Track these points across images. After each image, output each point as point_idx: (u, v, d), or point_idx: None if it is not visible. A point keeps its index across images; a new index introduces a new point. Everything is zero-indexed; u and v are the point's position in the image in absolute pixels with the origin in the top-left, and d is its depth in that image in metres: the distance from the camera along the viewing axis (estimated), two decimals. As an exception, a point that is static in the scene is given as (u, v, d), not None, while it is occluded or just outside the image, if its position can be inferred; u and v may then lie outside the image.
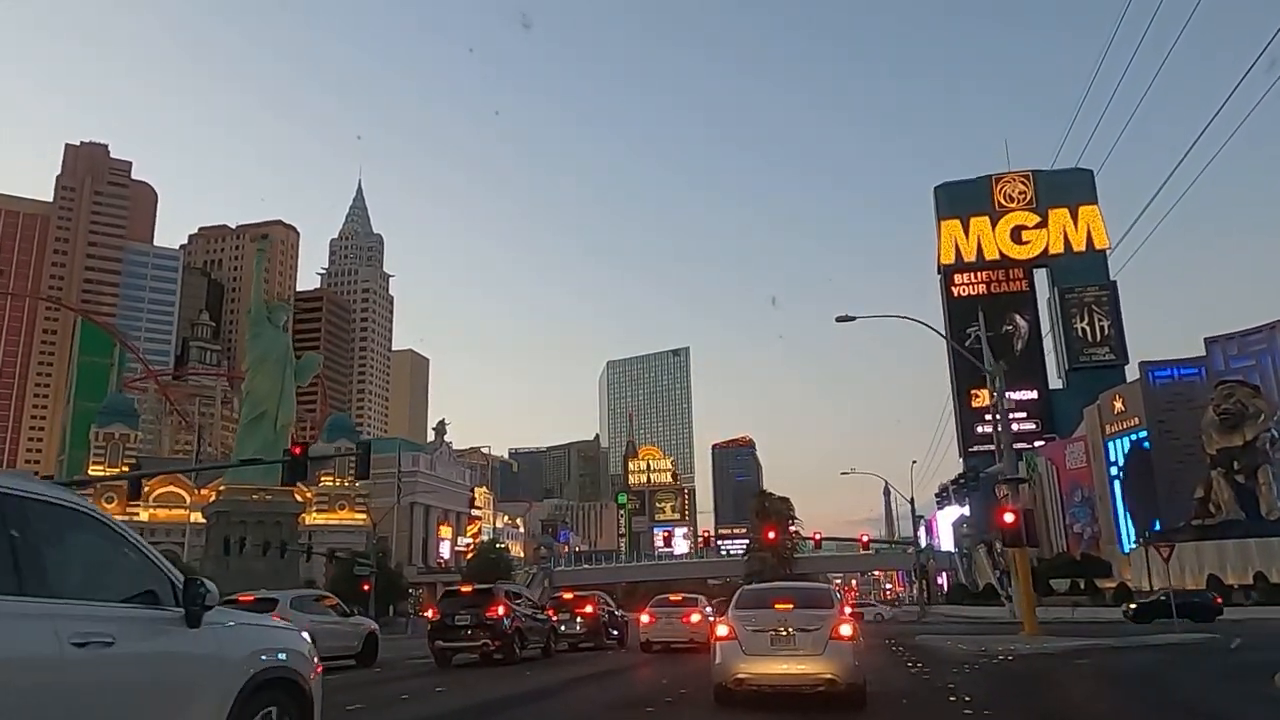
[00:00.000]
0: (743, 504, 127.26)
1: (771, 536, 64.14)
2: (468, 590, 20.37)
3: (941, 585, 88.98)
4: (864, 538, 64.67)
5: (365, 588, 46.35)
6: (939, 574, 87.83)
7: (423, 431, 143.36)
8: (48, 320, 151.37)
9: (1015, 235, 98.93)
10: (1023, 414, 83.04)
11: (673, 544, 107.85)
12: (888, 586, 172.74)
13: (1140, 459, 65.44)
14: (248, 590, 19.45)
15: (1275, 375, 60.92)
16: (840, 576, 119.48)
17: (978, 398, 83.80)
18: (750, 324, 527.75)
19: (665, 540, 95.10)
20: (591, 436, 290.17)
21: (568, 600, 24.68)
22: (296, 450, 20.39)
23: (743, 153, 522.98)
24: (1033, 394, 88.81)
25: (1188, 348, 68.05)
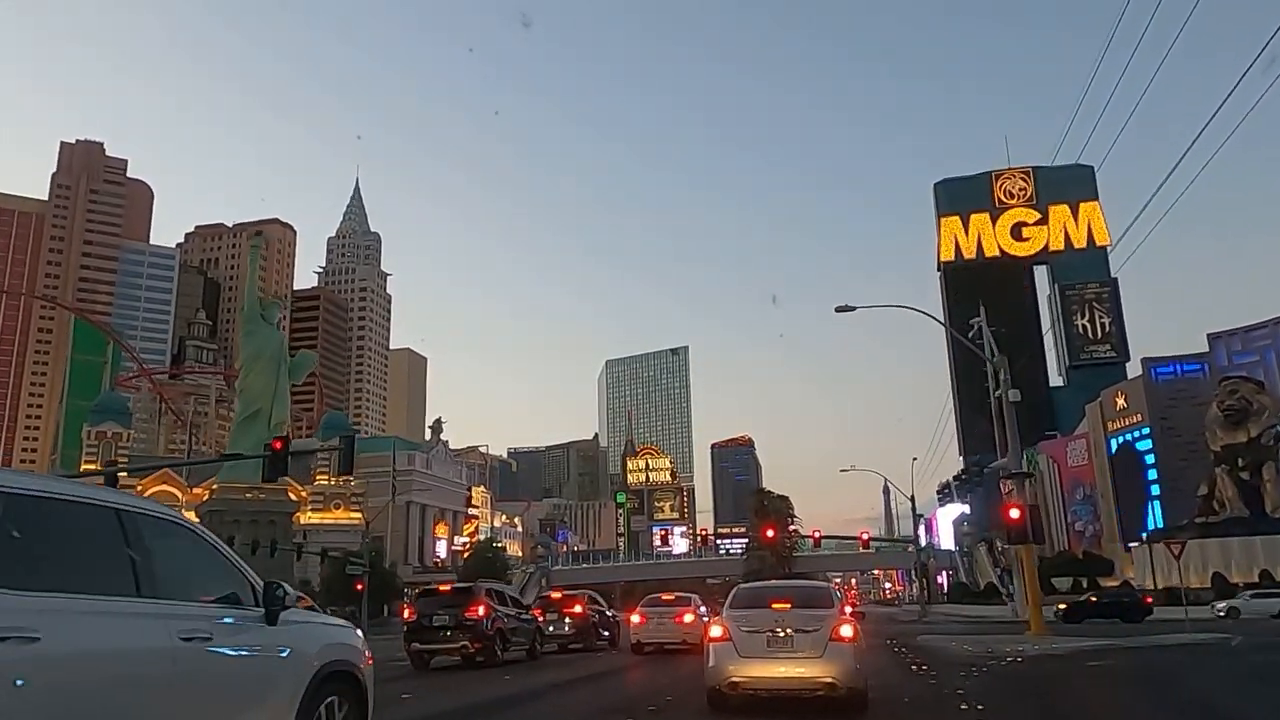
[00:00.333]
0: (742, 503, 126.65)
1: (770, 535, 63.54)
2: (446, 589, 19.55)
3: (941, 584, 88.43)
4: (864, 536, 64.05)
5: (359, 587, 45.77)
6: (939, 573, 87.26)
7: (421, 431, 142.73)
8: (43, 319, 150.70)
9: (1015, 232, 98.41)
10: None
11: (670, 543, 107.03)
12: (887, 585, 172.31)
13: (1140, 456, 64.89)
14: None
15: (1280, 370, 60.49)
16: (840, 575, 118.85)
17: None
18: (749, 323, 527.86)
19: (662, 539, 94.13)
20: (590, 436, 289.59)
21: (556, 600, 23.90)
22: (277, 445, 19.68)
23: (742, 152, 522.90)
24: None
25: (1189, 345, 67.62)
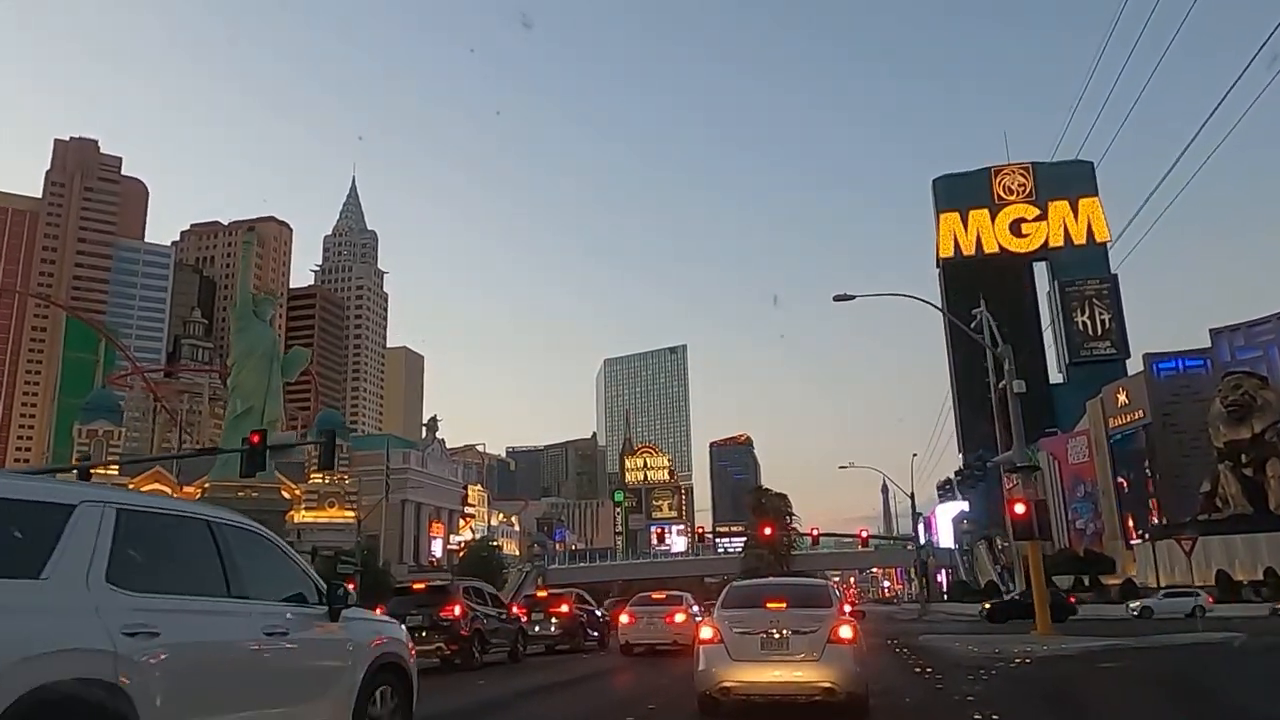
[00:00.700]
0: (741, 502, 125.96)
1: (768, 533, 62.97)
2: (420, 587, 18.56)
3: (941, 583, 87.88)
4: (863, 534, 63.45)
5: (351, 586, 44.98)
6: (938, 571, 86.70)
7: (418, 430, 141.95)
8: (37, 317, 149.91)
9: (1015, 228, 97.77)
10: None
11: (667, 541, 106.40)
12: (886, 584, 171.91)
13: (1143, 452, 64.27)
14: None
15: (1283, 366, 59.80)
16: (839, 574, 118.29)
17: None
18: (748, 322, 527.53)
19: (658, 537, 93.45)
20: (589, 435, 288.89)
21: (541, 599, 23.05)
22: (255, 439, 18.95)
23: (740, 151, 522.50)
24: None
25: (1189, 342, 67.10)
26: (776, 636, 8.76)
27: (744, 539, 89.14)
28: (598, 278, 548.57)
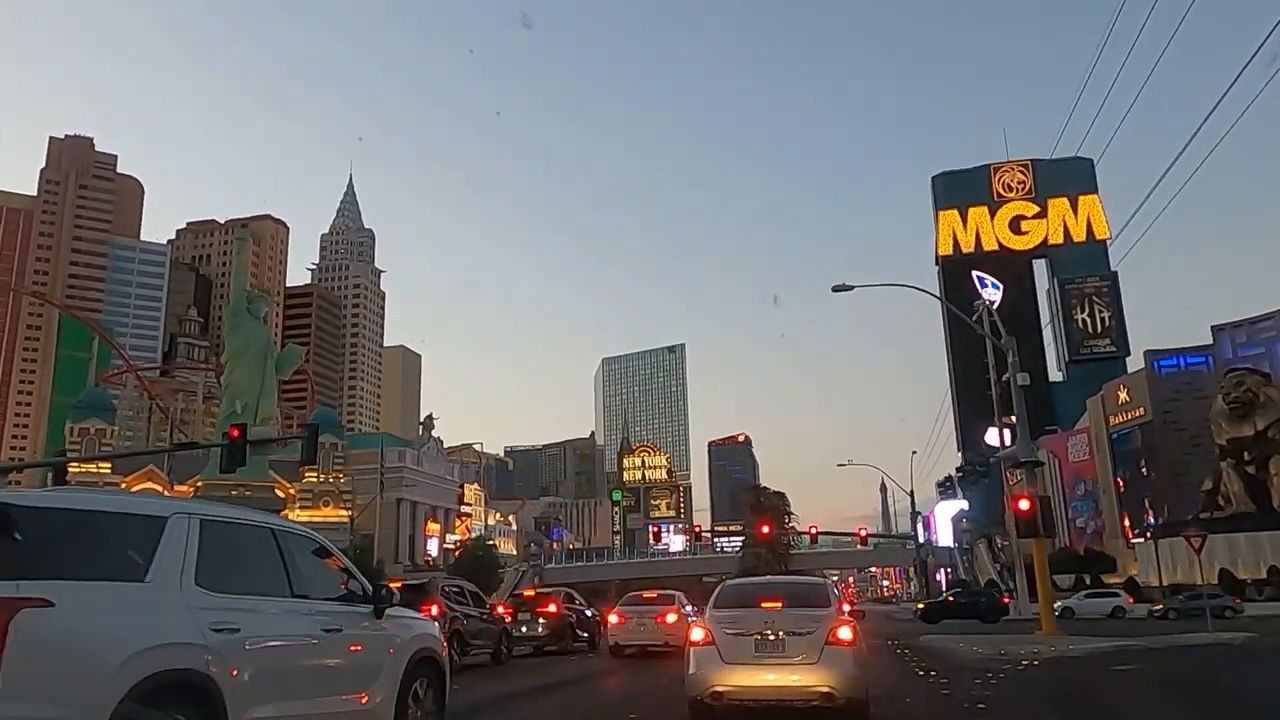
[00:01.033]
0: (739, 501, 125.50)
1: (766, 531, 62.42)
2: (396, 587, 18.00)
3: (940, 582, 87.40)
4: (862, 532, 62.97)
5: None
6: (937, 570, 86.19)
7: (415, 429, 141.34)
8: (31, 315, 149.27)
9: (1014, 225, 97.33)
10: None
11: (663, 540, 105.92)
12: (884, 583, 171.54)
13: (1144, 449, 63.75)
14: None
15: (1286, 363, 59.31)
16: (837, 573, 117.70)
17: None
18: (746, 321, 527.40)
19: (654, 536, 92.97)
20: (587, 434, 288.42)
21: (528, 598, 22.40)
22: (234, 433, 18.36)
23: (740, 150, 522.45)
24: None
25: (1190, 340, 66.43)
26: (771, 638, 8.32)
27: (742, 538, 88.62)
28: (597, 277, 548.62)
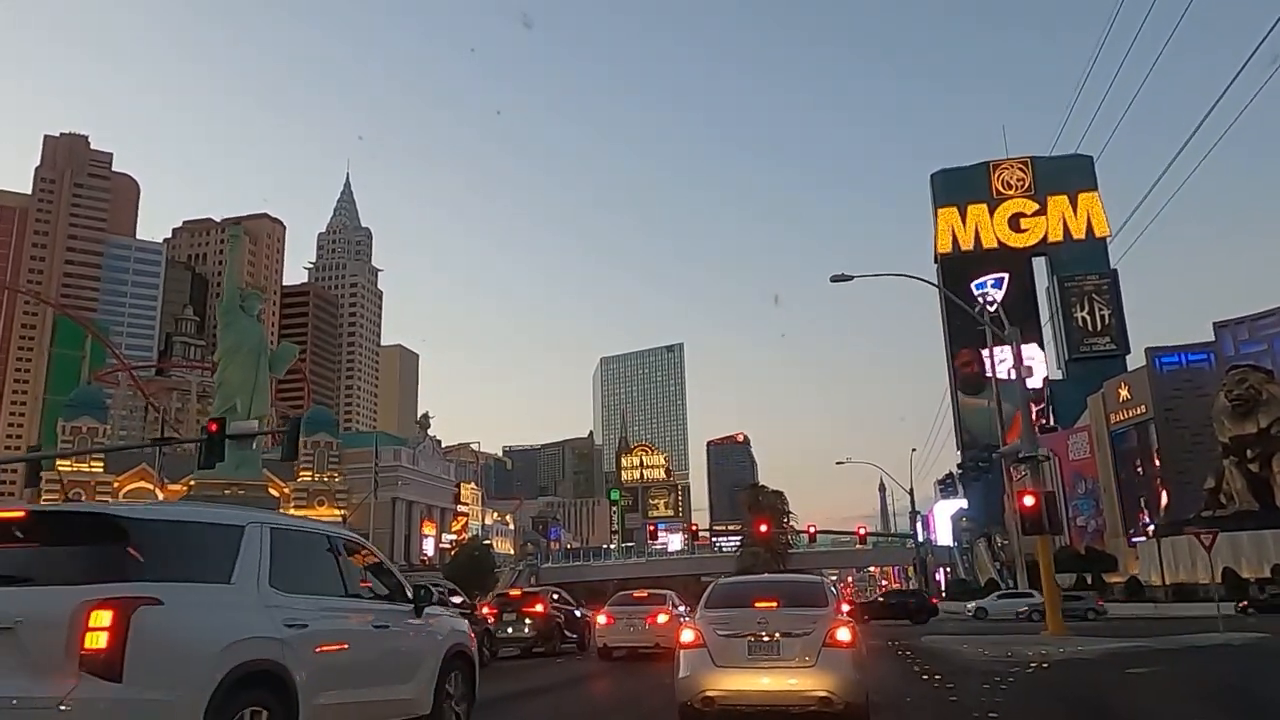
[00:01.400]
0: (738, 500, 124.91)
1: (764, 530, 61.89)
2: None
3: (939, 581, 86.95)
4: (861, 531, 62.48)
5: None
6: (936, 570, 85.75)
7: (412, 428, 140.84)
8: (26, 314, 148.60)
9: (1014, 223, 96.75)
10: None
11: (659, 539, 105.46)
12: (884, 583, 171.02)
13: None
14: None
15: (1289, 360, 58.67)
16: (836, 573, 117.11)
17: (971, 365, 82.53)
18: (745, 320, 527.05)
19: (651, 535, 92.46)
20: (586, 434, 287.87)
21: (514, 598, 21.67)
22: (212, 427, 17.79)
23: (739, 149, 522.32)
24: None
25: (1190, 338, 65.85)
26: (766, 639, 7.90)
27: (739, 535, 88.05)
28: (596, 276, 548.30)
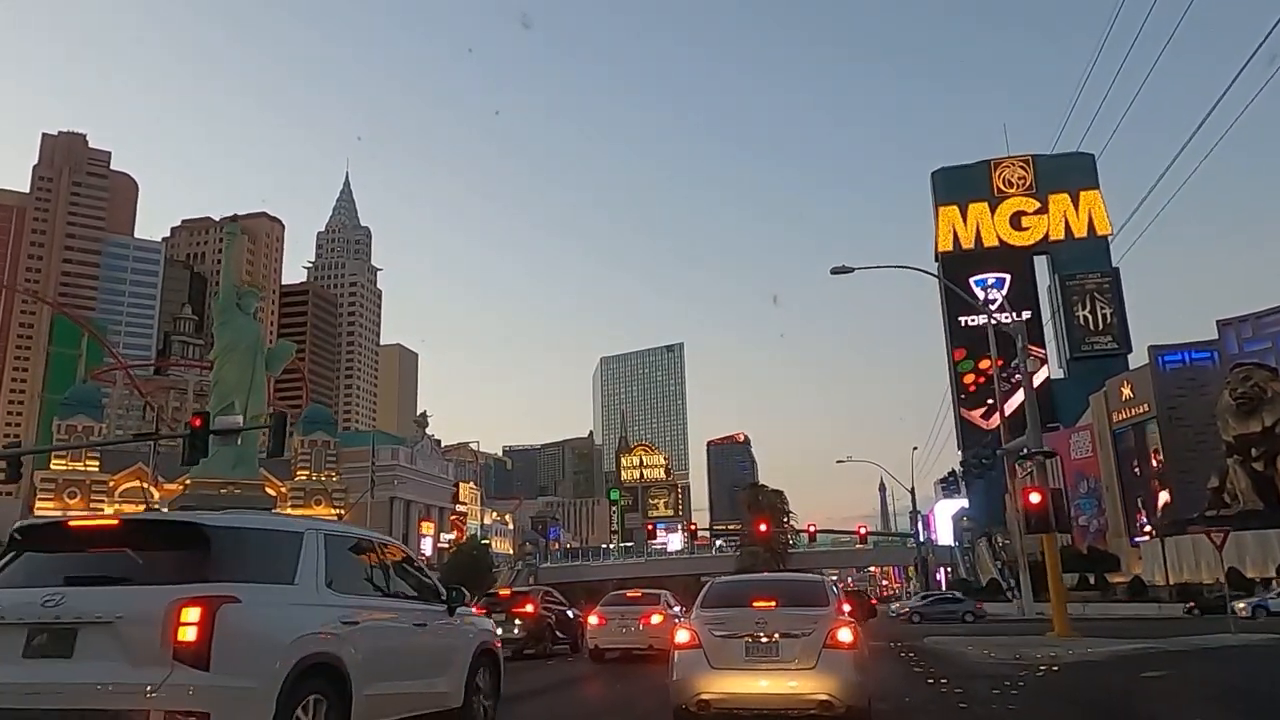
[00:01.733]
0: (738, 500, 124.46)
1: (764, 529, 61.43)
2: None
3: (940, 581, 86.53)
4: (861, 530, 62.05)
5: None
6: (937, 569, 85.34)
7: (412, 428, 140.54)
8: (23, 313, 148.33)
9: (1015, 221, 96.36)
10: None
11: (660, 538, 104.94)
12: (884, 583, 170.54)
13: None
14: None
15: (1293, 358, 58.12)
16: (836, 573, 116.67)
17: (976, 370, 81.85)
18: (745, 320, 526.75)
19: (649, 534, 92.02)
20: (586, 434, 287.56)
21: (503, 598, 21.11)
22: (195, 422, 17.37)
23: (739, 150, 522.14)
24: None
25: (1192, 337, 65.28)
26: (764, 640, 7.60)
27: (739, 535, 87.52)
28: (595, 276, 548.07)
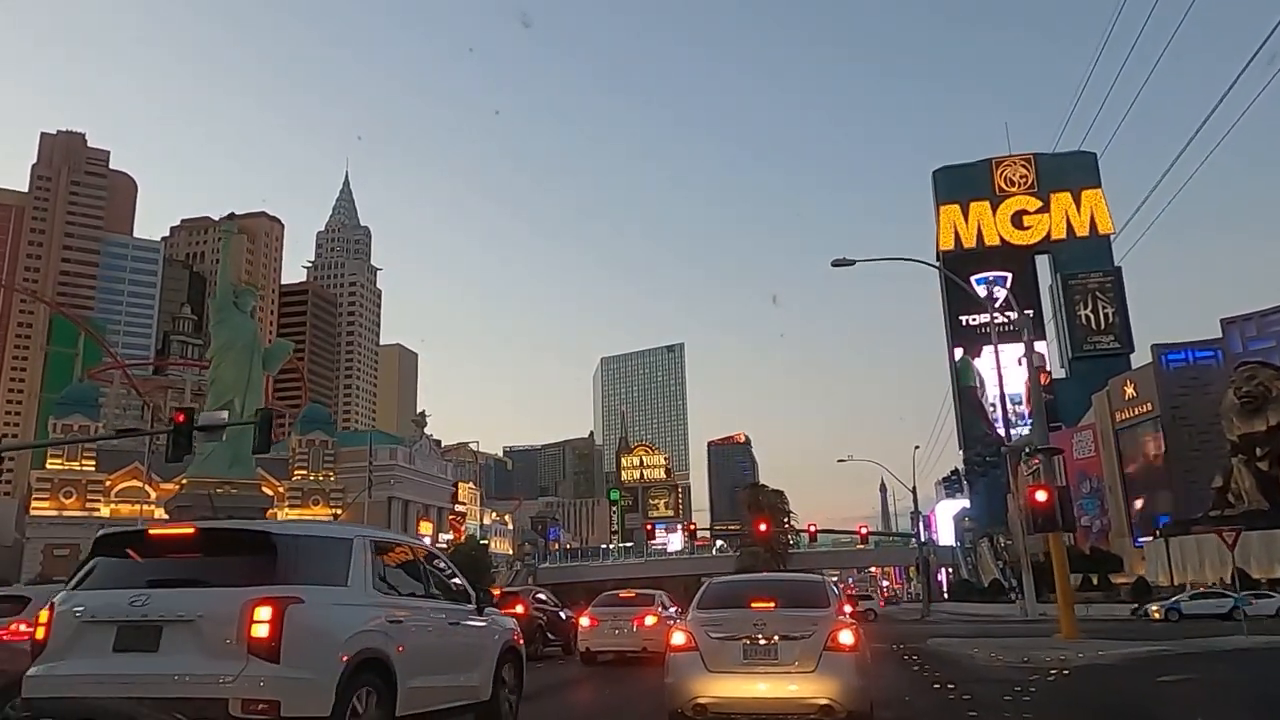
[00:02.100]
0: (738, 500, 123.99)
1: (764, 529, 60.98)
2: None
3: (941, 582, 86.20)
4: (862, 530, 61.65)
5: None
6: (938, 570, 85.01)
7: (411, 428, 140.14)
8: (22, 312, 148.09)
9: (1016, 220, 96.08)
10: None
11: (659, 538, 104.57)
12: (884, 584, 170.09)
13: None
14: None
15: (1298, 356, 57.70)
16: (837, 574, 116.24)
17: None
18: (745, 320, 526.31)
19: (648, 534, 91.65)
20: (586, 434, 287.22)
21: (493, 598, 20.76)
22: (179, 418, 16.95)
23: (738, 150, 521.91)
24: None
25: (1193, 336, 64.84)
26: (763, 642, 7.37)
27: (738, 535, 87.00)
28: (596, 276, 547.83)
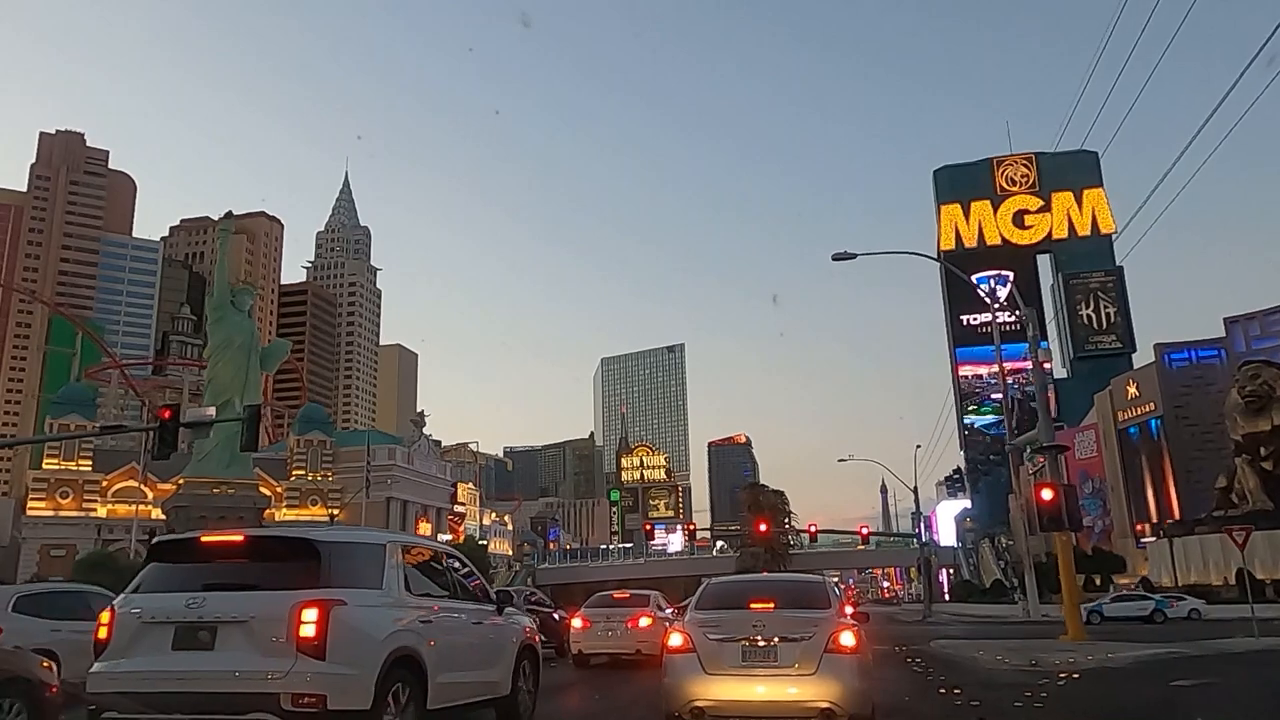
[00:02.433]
0: (738, 500, 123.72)
1: (764, 529, 60.66)
2: None
3: (942, 583, 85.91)
4: (863, 530, 61.35)
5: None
6: (939, 570, 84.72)
7: (410, 428, 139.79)
8: (21, 312, 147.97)
9: (1018, 220, 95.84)
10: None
11: (659, 538, 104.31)
12: (885, 584, 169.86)
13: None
14: None
15: (1301, 356, 57.33)
16: (838, 574, 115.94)
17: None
18: (746, 321, 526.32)
19: (648, 534, 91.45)
20: (587, 435, 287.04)
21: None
22: (164, 414, 16.59)
23: (738, 150, 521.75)
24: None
25: (1198, 335, 64.58)
26: (762, 644, 7.24)
27: (738, 536, 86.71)
28: (596, 277, 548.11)
